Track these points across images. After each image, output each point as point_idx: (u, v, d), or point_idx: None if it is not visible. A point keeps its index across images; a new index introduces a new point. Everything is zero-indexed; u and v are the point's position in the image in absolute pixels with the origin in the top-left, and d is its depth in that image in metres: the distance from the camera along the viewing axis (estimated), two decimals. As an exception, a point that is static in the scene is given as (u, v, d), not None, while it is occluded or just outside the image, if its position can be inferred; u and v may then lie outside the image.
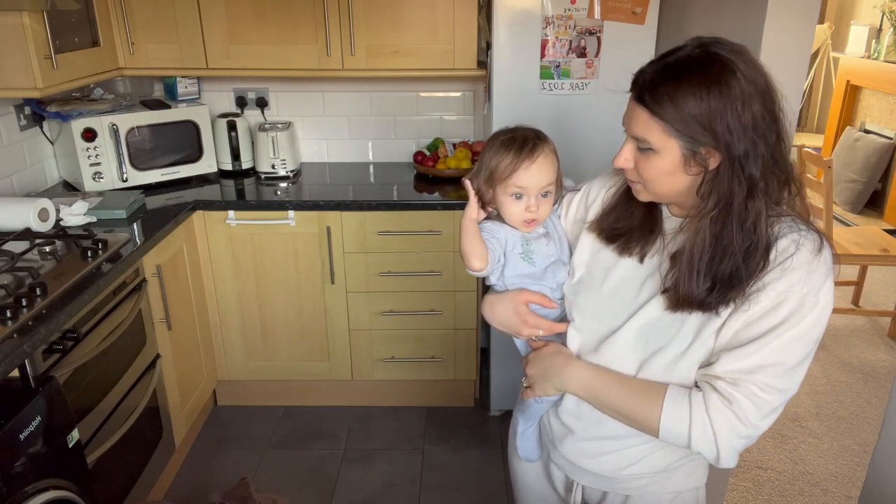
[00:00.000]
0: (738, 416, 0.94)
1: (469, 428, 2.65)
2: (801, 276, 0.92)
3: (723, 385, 0.95)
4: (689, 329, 0.99)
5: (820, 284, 0.93)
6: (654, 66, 0.95)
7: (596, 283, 1.12)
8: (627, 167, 1.01)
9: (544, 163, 1.15)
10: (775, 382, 0.94)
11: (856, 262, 3.37)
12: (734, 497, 2.32)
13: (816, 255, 0.94)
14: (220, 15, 2.42)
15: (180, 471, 2.40)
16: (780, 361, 0.94)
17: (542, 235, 1.20)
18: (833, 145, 5.56)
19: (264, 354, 2.65)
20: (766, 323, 0.93)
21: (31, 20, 1.93)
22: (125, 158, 2.45)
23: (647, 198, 1.03)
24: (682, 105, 0.90)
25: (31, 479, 1.38)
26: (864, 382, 3.03)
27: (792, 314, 0.92)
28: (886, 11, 5.31)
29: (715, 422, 0.95)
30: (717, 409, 0.95)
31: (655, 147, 0.95)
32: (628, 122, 0.99)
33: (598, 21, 2.20)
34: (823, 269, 0.93)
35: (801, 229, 0.96)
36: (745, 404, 0.94)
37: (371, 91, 2.87)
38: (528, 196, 1.14)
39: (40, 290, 1.60)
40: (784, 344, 0.93)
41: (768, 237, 0.94)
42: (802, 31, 1.54)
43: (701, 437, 0.97)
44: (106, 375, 1.84)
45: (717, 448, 0.96)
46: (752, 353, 0.94)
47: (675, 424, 0.98)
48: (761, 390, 0.94)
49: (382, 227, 2.43)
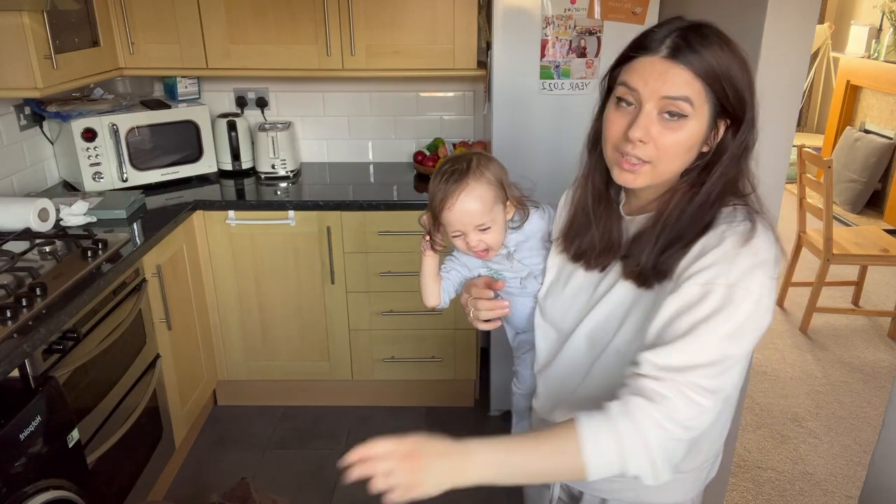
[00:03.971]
0: (669, 415, 0.84)
1: (469, 428, 2.65)
2: (721, 268, 0.86)
3: (648, 383, 0.86)
4: (631, 322, 0.97)
5: (747, 274, 0.85)
6: (669, 28, 0.89)
7: (559, 289, 1.11)
8: (647, 140, 0.89)
9: (465, 200, 1.07)
10: (706, 383, 0.85)
11: (856, 262, 3.37)
12: (734, 497, 2.32)
13: (743, 246, 0.87)
14: (220, 15, 2.42)
15: (180, 471, 2.40)
16: (713, 361, 0.85)
17: (503, 257, 1.16)
18: (833, 145, 5.56)
19: (264, 354, 2.65)
20: (693, 316, 0.86)
21: (31, 20, 1.93)
22: (125, 158, 2.45)
23: (643, 182, 0.93)
24: (717, 64, 0.86)
25: (31, 479, 1.38)
26: (864, 382, 3.02)
27: (721, 307, 0.85)
28: (886, 11, 5.31)
29: (642, 424, 0.84)
30: (642, 411, 0.85)
31: (691, 111, 0.87)
32: (656, 85, 0.87)
33: (598, 21, 2.20)
34: (750, 259, 0.86)
35: (735, 220, 0.90)
36: (675, 403, 0.84)
37: (371, 91, 2.87)
38: (465, 234, 1.10)
39: (40, 290, 1.60)
40: (716, 340, 0.85)
41: (713, 215, 0.91)
42: (802, 31, 1.54)
43: (634, 452, 0.85)
44: (106, 375, 1.84)
45: (651, 457, 0.85)
46: (680, 350, 0.86)
47: (601, 455, 0.85)
48: (692, 391, 0.85)
49: (382, 227, 2.43)
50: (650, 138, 0.89)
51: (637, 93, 0.89)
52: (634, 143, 0.89)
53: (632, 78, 0.90)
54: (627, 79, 0.90)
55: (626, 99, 0.91)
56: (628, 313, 0.98)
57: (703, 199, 0.92)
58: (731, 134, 0.92)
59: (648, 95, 0.88)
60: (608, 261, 1.02)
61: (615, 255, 1.01)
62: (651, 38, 0.89)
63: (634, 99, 0.90)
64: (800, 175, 3.47)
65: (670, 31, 0.89)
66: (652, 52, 0.88)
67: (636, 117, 0.89)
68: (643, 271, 0.94)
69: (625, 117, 0.91)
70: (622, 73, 0.92)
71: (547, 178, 1.23)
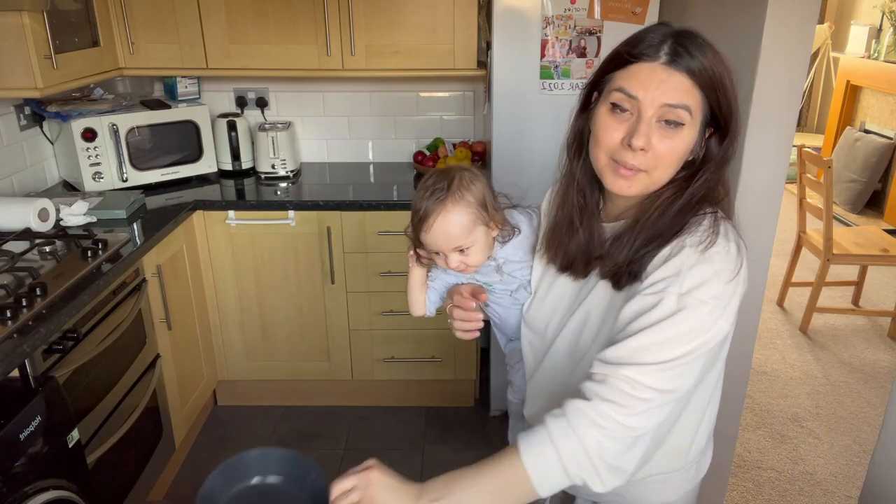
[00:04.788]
0: (604, 411, 0.84)
1: (469, 428, 2.65)
2: (674, 278, 0.87)
3: (589, 384, 0.88)
4: (607, 328, 0.96)
5: (701, 284, 0.86)
6: (661, 33, 0.88)
7: (541, 296, 1.11)
8: (648, 148, 0.88)
9: (443, 224, 1.02)
10: (645, 380, 0.85)
11: (856, 262, 3.37)
12: (734, 497, 2.32)
13: (700, 255, 0.87)
14: (220, 15, 2.42)
15: (180, 471, 2.40)
16: (656, 361, 0.85)
17: (493, 270, 1.13)
18: (833, 145, 5.56)
19: (264, 354, 2.65)
20: (643, 321, 0.87)
21: (31, 20, 1.93)
22: (125, 158, 2.45)
23: (636, 192, 0.93)
24: (713, 72, 0.87)
25: (31, 479, 1.38)
26: (864, 382, 3.02)
27: (670, 314, 0.86)
28: (886, 11, 5.31)
29: (578, 428, 0.84)
30: (577, 412, 0.85)
31: (689, 119, 0.88)
32: (657, 93, 0.87)
33: (598, 21, 2.20)
34: (706, 268, 0.87)
35: (698, 230, 0.90)
36: (610, 397, 0.85)
37: (371, 91, 2.87)
38: (445, 255, 1.06)
39: (40, 290, 1.60)
40: (660, 342, 0.86)
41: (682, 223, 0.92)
42: (802, 31, 1.54)
43: (573, 458, 0.84)
44: (106, 375, 1.84)
45: (591, 461, 0.84)
46: (622, 347, 0.87)
47: (545, 472, 0.84)
48: (629, 386, 0.85)
49: (382, 227, 2.43)
50: (650, 146, 0.88)
51: (636, 100, 0.88)
52: (635, 151, 0.88)
53: (630, 85, 0.88)
54: (625, 85, 0.89)
55: (622, 105, 0.89)
56: (604, 318, 0.98)
57: (685, 203, 0.92)
58: (716, 142, 0.93)
59: (649, 103, 0.87)
60: (593, 268, 1.01)
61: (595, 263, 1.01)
62: (645, 44, 0.88)
63: (632, 106, 0.89)
64: (800, 175, 3.47)
65: (665, 37, 0.88)
66: (650, 58, 0.87)
67: (636, 125, 0.88)
68: (618, 270, 0.94)
69: (621, 124, 0.90)
70: (617, 78, 0.90)
71: (547, 179, 1.23)
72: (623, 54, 0.90)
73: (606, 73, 0.93)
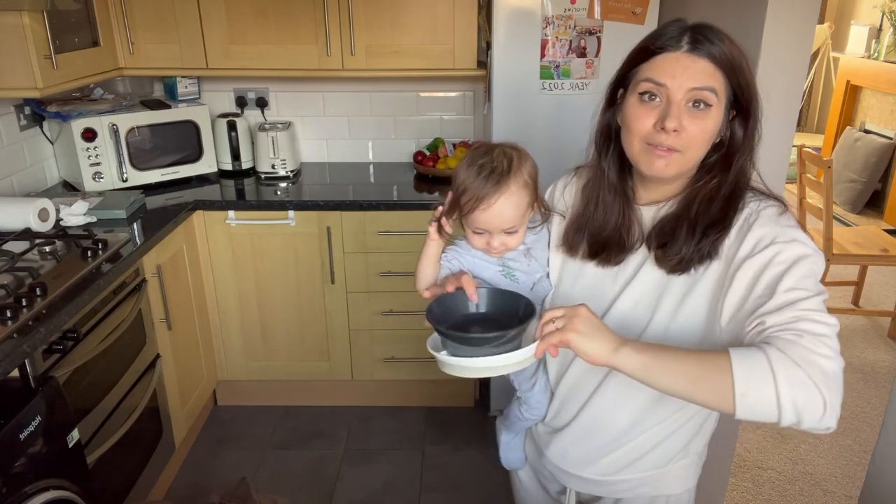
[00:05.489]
0: (819, 343, 0.82)
1: (469, 428, 2.65)
2: (777, 232, 0.92)
3: (778, 332, 0.84)
4: (666, 307, 1.00)
5: (797, 231, 0.93)
6: (679, 27, 0.95)
7: (567, 290, 1.11)
8: (680, 130, 0.93)
9: (505, 205, 1.01)
10: (819, 317, 0.84)
11: (856, 262, 3.37)
12: (734, 497, 2.32)
13: (781, 216, 0.95)
14: (220, 15, 2.42)
15: (180, 471, 2.40)
16: (810, 293, 0.86)
17: (521, 254, 1.10)
18: (833, 145, 5.56)
19: (264, 354, 2.65)
20: (775, 271, 0.89)
21: (31, 20, 1.93)
22: (125, 158, 2.45)
23: (673, 172, 0.97)
24: (732, 55, 0.93)
25: (31, 479, 1.38)
26: (864, 382, 3.03)
27: (796, 260, 0.89)
28: (886, 11, 5.31)
29: (793, 354, 0.81)
30: (793, 348, 0.81)
31: (715, 100, 0.93)
32: (683, 78, 0.92)
33: (598, 21, 2.20)
34: (791, 222, 0.95)
35: (760, 201, 0.98)
36: (814, 334, 0.82)
37: (371, 91, 2.87)
38: (490, 234, 1.04)
39: (40, 290, 1.60)
40: (798, 280, 0.87)
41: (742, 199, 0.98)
42: (802, 31, 1.54)
43: (789, 377, 0.80)
44: (106, 375, 1.84)
45: (820, 394, 0.79)
46: (774, 300, 0.86)
47: (754, 380, 0.81)
48: (811, 321, 0.83)
49: (382, 227, 2.43)
50: (682, 128, 0.93)
51: (665, 87, 0.93)
52: (668, 133, 0.93)
53: (658, 74, 0.94)
54: (653, 75, 0.94)
55: (652, 93, 0.95)
56: (661, 298, 1.01)
57: (731, 188, 0.98)
58: (739, 125, 0.97)
59: (677, 89, 0.93)
60: (629, 252, 1.04)
61: (634, 246, 1.04)
62: (667, 37, 0.94)
63: (661, 94, 0.94)
64: (800, 175, 3.47)
65: (684, 29, 0.94)
66: (673, 48, 0.94)
67: (667, 109, 0.93)
68: (684, 258, 0.97)
69: (652, 111, 0.95)
70: (643, 70, 0.96)
71: (546, 179, 1.23)
72: (648, 47, 0.96)
73: (632, 67, 0.99)
